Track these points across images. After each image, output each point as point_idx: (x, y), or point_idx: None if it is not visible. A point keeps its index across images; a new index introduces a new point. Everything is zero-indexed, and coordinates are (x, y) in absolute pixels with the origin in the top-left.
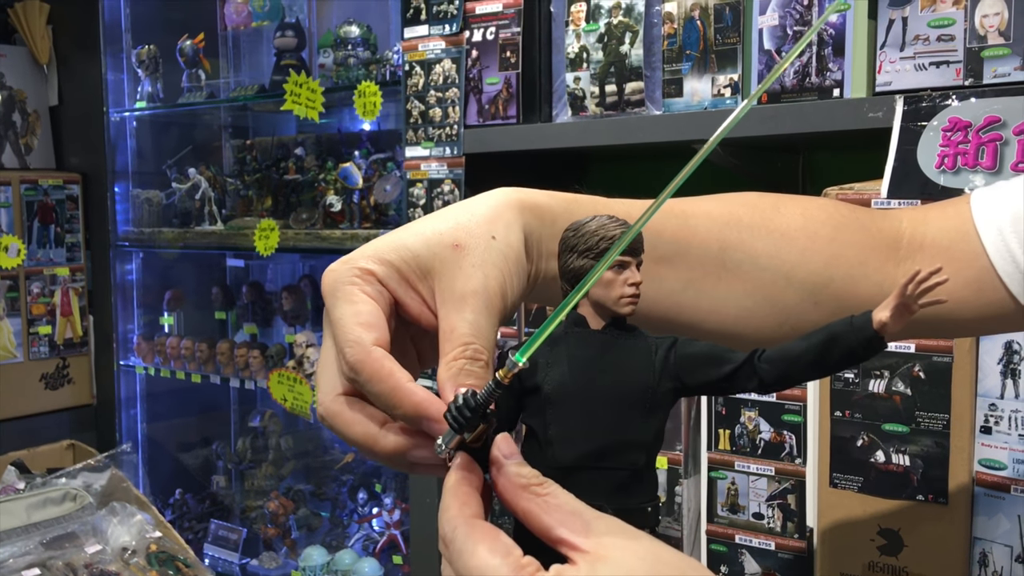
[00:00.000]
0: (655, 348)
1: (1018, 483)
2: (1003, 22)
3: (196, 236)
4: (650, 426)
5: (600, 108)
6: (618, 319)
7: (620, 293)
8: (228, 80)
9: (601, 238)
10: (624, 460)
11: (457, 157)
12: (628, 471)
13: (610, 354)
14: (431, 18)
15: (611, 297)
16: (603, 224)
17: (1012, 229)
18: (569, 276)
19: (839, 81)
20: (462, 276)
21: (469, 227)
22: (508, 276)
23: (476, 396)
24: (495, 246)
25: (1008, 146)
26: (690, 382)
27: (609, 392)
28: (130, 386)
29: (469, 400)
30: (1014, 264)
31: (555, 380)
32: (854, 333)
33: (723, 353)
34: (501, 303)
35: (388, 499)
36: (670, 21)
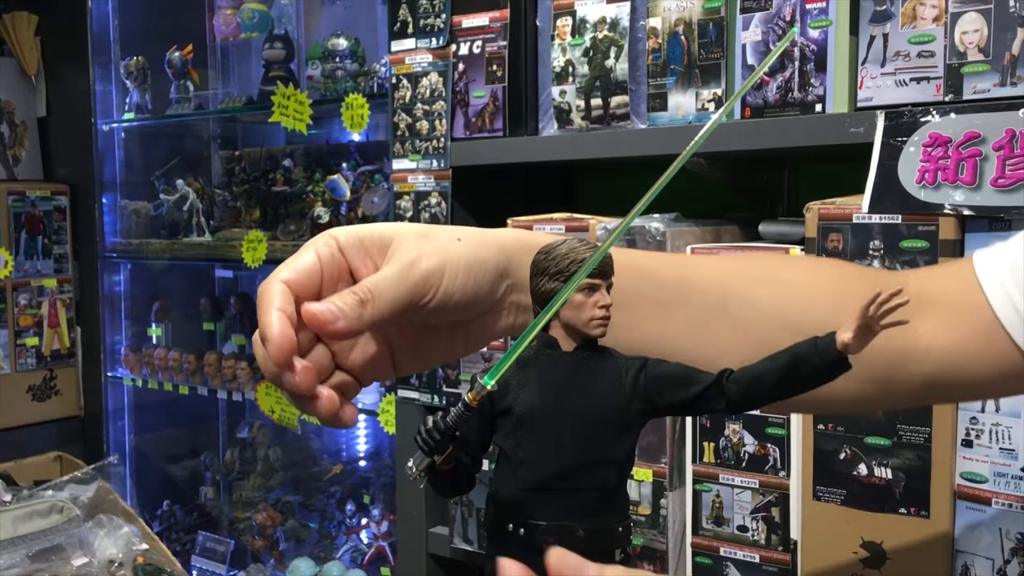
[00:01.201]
0: (625, 370)
1: (999, 496)
2: (982, 39)
3: (184, 247)
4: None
5: (586, 121)
6: (589, 341)
7: (590, 315)
8: (217, 91)
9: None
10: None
11: (444, 170)
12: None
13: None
14: (418, 32)
15: (581, 319)
16: (573, 247)
17: (1013, 279)
18: (540, 298)
19: (821, 96)
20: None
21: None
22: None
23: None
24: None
25: (988, 162)
26: (660, 403)
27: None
28: (118, 398)
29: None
30: (1016, 313)
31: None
32: (819, 354)
33: (692, 374)
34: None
35: (376, 510)
36: (654, 36)
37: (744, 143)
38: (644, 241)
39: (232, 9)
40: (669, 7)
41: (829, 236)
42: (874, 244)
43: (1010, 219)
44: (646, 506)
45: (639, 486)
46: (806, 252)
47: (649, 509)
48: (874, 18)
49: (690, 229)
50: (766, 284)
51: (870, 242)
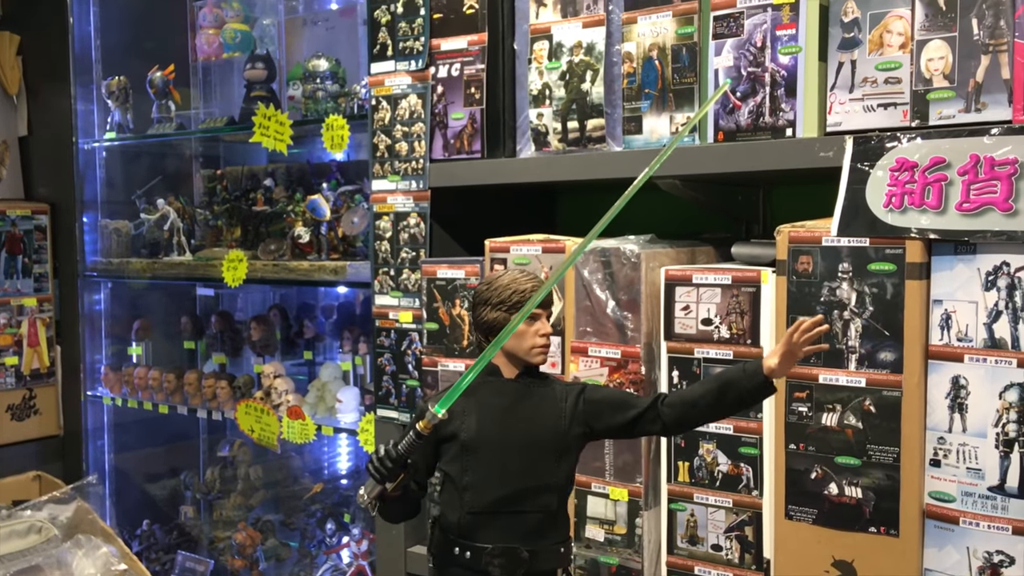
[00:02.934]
0: (565, 395)
1: (967, 515)
2: (947, 66)
3: (164, 266)
4: (561, 470)
5: (563, 144)
6: (530, 368)
7: (532, 344)
8: (198, 111)
9: (513, 291)
10: (537, 503)
11: (423, 191)
12: (541, 513)
13: (523, 402)
14: (397, 54)
15: (523, 347)
16: (515, 278)
17: None
18: (483, 328)
19: (791, 121)
20: None
21: None
22: None
23: (397, 447)
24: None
25: (953, 186)
26: (598, 427)
27: (522, 439)
28: (97, 417)
29: (390, 451)
30: None
31: (471, 428)
32: (747, 379)
33: (628, 399)
34: None
35: (356, 529)
36: (629, 60)
37: (717, 166)
38: (619, 263)
39: (214, 29)
40: (643, 32)
41: (799, 258)
42: (843, 267)
43: (974, 243)
44: (622, 525)
45: (615, 505)
46: (777, 274)
47: (625, 528)
48: (842, 45)
49: (664, 250)
50: None
51: (839, 264)
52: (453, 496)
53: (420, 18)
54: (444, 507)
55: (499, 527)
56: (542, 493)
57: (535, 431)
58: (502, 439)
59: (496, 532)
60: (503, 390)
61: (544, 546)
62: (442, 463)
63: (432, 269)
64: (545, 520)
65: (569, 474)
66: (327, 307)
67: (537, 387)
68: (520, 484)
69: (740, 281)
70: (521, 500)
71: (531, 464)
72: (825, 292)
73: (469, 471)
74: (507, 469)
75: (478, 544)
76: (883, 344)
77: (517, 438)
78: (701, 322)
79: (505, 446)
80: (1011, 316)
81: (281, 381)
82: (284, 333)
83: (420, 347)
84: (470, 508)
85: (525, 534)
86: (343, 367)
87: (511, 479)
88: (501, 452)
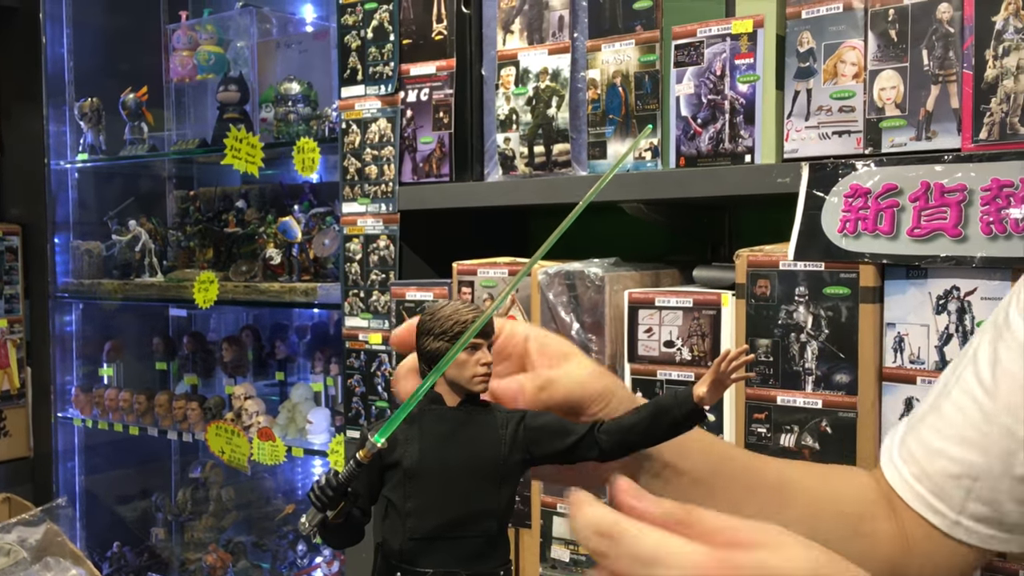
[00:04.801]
0: (505, 423)
1: None
2: (899, 95)
3: (136, 288)
4: (502, 495)
5: (529, 168)
6: (471, 396)
7: (473, 372)
8: (171, 132)
9: (455, 322)
10: (478, 528)
11: (392, 213)
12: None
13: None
14: (367, 79)
15: (464, 376)
16: (457, 309)
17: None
18: (426, 357)
19: (750, 147)
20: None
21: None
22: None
23: (337, 476)
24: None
25: (904, 212)
26: (537, 453)
27: (463, 465)
28: (67, 438)
29: (331, 480)
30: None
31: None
32: (678, 407)
33: (567, 426)
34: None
35: (327, 551)
36: (594, 87)
37: (679, 191)
38: (583, 285)
39: (188, 51)
40: (607, 60)
41: (757, 282)
42: (799, 290)
43: (925, 267)
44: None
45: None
46: (737, 297)
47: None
48: (798, 74)
49: (629, 273)
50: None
51: (795, 288)
52: (396, 522)
53: (390, 44)
54: (387, 533)
55: (441, 552)
56: (483, 519)
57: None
58: (443, 466)
59: (438, 557)
60: (445, 418)
61: (485, 570)
62: (385, 490)
63: (401, 291)
64: (486, 544)
65: (510, 499)
66: (299, 328)
67: (478, 415)
68: (461, 510)
69: (701, 304)
70: (462, 525)
71: (472, 490)
72: (783, 315)
73: (411, 497)
74: (449, 495)
75: (419, 569)
76: (838, 366)
77: (458, 465)
78: (664, 344)
79: (447, 473)
80: (961, 339)
81: (252, 402)
82: (256, 354)
83: (390, 368)
84: (412, 534)
85: (466, 558)
86: (314, 388)
87: (453, 505)
88: (443, 479)
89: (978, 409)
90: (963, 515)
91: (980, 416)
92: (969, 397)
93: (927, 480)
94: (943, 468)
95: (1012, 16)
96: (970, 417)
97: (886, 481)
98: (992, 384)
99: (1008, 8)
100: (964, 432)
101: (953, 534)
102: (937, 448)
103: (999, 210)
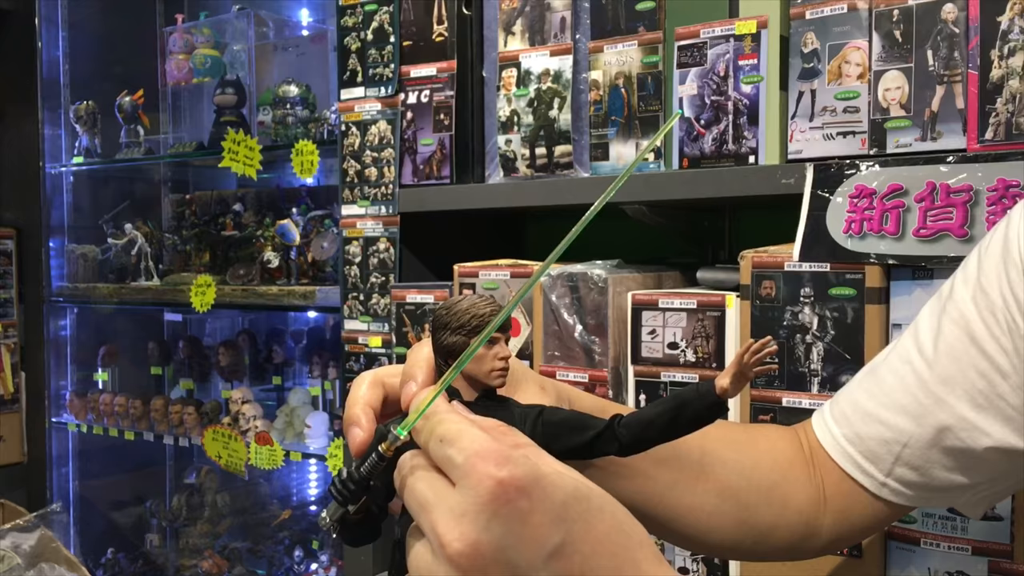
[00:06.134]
0: (523, 418)
1: (927, 536)
2: (904, 95)
3: (132, 291)
4: None
5: (531, 170)
6: (489, 390)
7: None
8: (168, 135)
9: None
10: None
11: (392, 216)
12: None
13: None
14: (367, 81)
15: (483, 371)
16: (474, 303)
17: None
18: (443, 352)
19: (754, 148)
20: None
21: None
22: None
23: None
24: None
25: (910, 213)
26: (556, 448)
27: None
28: (62, 444)
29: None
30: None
31: None
32: (700, 399)
33: (586, 420)
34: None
35: (324, 556)
36: (596, 88)
37: (682, 192)
38: (586, 287)
39: (185, 54)
40: (610, 61)
41: (762, 283)
42: (804, 291)
43: (931, 268)
44: None
45: None
46: (741, 298)
47: None
48: (802, 75)
49: (631, 275)
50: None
51: (801, 289)
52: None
53: (390, 45)
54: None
55: None
56: None
57: None
58: None
59: None
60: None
61: None
62: None
63: (402, 294)
64: None
65: None
66: (296, 332)
67: (496, 410)
68: None
69: (705, 305)
70: None
71: None
72: (788, 316)
73: None
74: None
75: None
76: (844, 367)
77: None
78: (667, 346)
79: None
80: None
81: (249, 407)
82: (253, 358)
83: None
84: None
85: None
86: (312, 392)
87: None
88: None
89: (916, 378)
90: (891, 477)
91: (917, 385)
92: (907, 365)
93: (859, 442)
94: (875, 432)
95: (1017, 16)
96: (907, 384)
97: (815, 437)
98: (933, 355)
99: (1013, 8)
100: (899, 399)
101: (880, 494)
102: (871, 412)
103: (1005, 210)
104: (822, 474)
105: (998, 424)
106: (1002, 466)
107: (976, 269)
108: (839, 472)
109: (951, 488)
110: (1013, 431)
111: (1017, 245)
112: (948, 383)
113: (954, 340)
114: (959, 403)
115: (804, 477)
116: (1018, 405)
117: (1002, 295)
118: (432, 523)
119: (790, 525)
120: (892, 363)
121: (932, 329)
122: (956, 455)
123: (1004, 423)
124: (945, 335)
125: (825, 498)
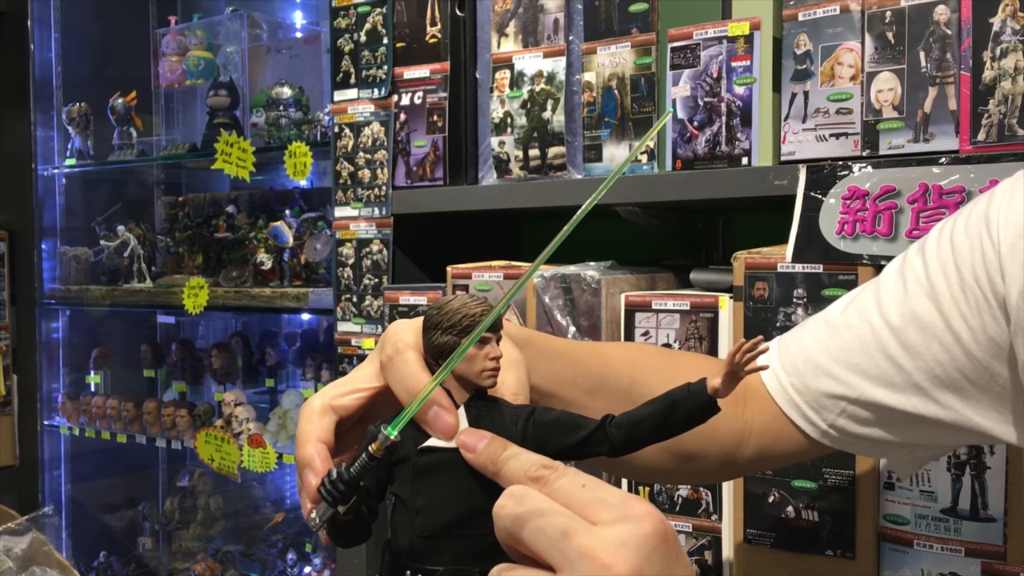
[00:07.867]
0: (515, 419)
1: (920, 537)
2: (896, 97)
3: (124, 294)
4: None
5: (524, 171)
6: (480, 391)
7: (482, 367)
8: (160, 137)
9: (463, 315)
10: (488, 526)
11: (386, 217)
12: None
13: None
14: (360, 82)
15: (474, 371)
16: (465, 303)
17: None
18: (434, 351)
19: (747, 150)
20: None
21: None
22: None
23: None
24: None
25: (903, 214)
26: (547, 449)
27: None
28: (54, 446)
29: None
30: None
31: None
32: (691, 398)
33: (578, 420)
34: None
35: (318, 559)
36: (589, 90)
37: (675, 194)
38: (580, 288)
39: (178, 56)
40: (603, 63)
41: (755, 284)
42: (798, 292)
43: None
44: None
45: None
46: (735, 299)
47: None
48: (795, 76)
49: (625, 277)
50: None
51: (794, 290)
52: (404, 520)
53: (383, 47)
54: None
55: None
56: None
57: None
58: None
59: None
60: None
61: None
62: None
63: (395, 296)
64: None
65: None
66: (289, 334)
67: (488, 411)
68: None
69: (698, 307)
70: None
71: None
72: (781, 317)
73: (421, 494)
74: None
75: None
76: None
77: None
78: (661, 347)
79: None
80: None
81: (242, 409)
82: (246, 361)
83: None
84: (422, 532)
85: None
86: (305, 394)
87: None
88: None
89: (875, 339)
90: (832, 427)
91: (876, 347)
92: (867, 324)
93: (806, 392)
94: (825, 386)
95: (1009, 17)
96: (865, 344)
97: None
98: (899, 322)
99: (1005, 9)
100: (854, 357)
101: (817, 438)
102: (823, 365)
103: None
104: (754, 412)
105: (957, 399)
106: (948, 436)
107: (949, 241)
108: (776, 413)
109: (887, 444)
110: (970, 406)
111: (996, 226)
112: (910, 351)
113: (922, 311)
114: (917, 372)
115: (731, 413)
116: (977, 381)
117: (974, 272)
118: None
119: (713, 455)
120: (851, 319)
121: (898, 292)
122: (903, 419)
123: (962, 398)
124: (912, 302)
125: (751, 432)
